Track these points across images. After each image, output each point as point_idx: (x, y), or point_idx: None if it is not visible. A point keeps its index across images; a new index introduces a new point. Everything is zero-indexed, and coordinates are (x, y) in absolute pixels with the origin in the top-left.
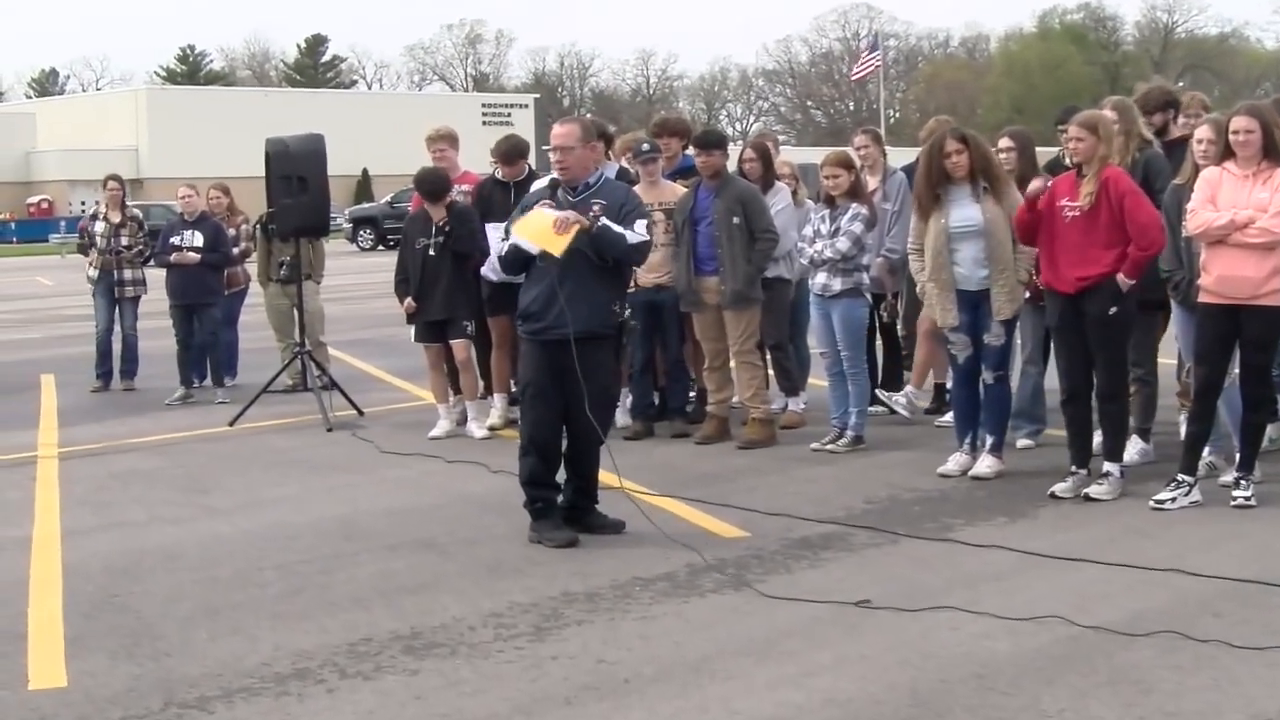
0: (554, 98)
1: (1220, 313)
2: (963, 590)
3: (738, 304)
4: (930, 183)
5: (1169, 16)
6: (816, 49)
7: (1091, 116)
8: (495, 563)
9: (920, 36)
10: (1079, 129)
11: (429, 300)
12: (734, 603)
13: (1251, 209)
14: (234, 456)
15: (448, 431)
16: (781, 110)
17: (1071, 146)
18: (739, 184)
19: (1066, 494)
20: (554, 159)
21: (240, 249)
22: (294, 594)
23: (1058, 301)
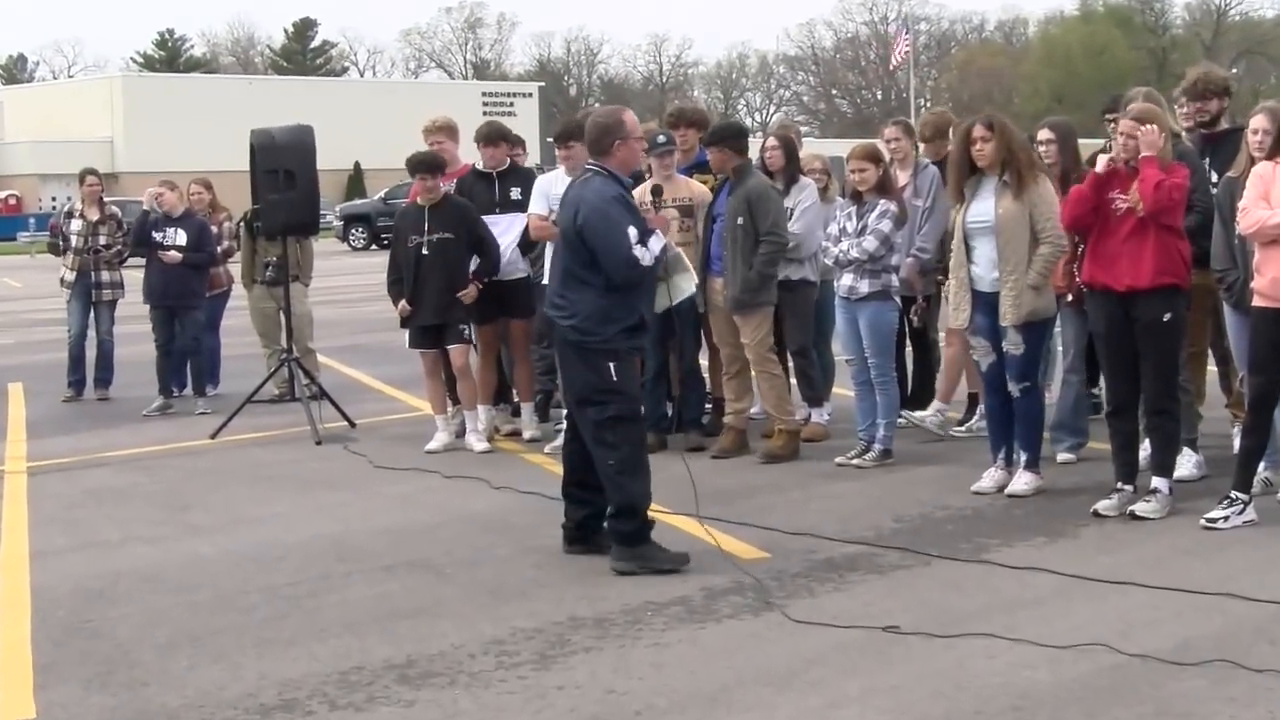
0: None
1: (1275, 318)
2: (999, 615)
3: (738, 309)
4: (959, 173)
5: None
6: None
7: (1147, 110)
8: (497, 585)
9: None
10: (1133, 124)
11: (423, 303)
12: (754, 629)
13: None
14: (216, 471)
15: (445, 444)
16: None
17: (1122, 142)
18: (751, 181)
19: (1110, 512)
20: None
21: (223, 248)
22: (280, 619)
23: (1104, 304)
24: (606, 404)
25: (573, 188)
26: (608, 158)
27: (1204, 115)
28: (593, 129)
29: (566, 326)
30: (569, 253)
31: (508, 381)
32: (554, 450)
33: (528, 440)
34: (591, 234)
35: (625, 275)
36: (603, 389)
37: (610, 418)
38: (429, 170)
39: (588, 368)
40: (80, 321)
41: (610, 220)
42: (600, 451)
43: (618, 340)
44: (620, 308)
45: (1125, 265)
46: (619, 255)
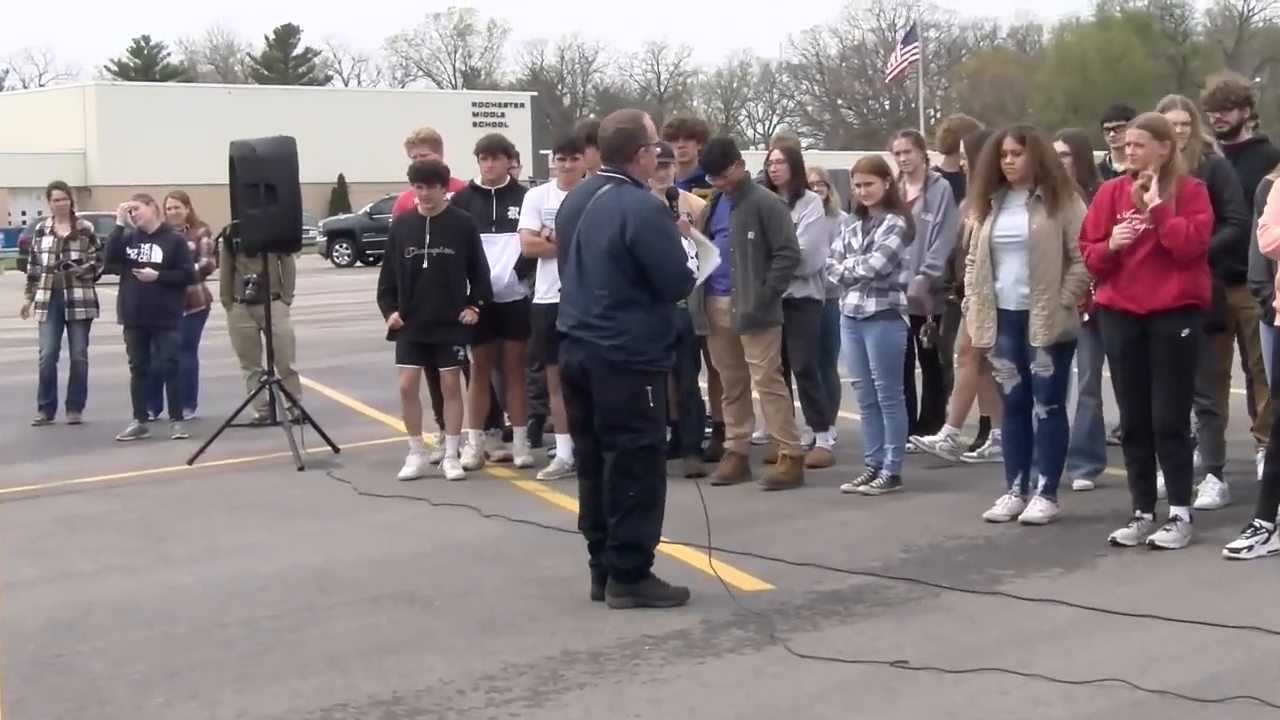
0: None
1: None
2: (1013, 650)
3: (749, 327)
4: (985, 185)
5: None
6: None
7: (1153, 120)
8: (488, 618)
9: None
10: (1139, 133)
11: (418, 318)
12: (756, 664)
13: None
14: (193, 499)
15: (419, 470)
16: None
17: (1130, 153)
18: (758, 194)
19: (1129, 541)
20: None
21: (201, 265)
22: (261, 653)
23: (1121, 325)
24: (642, 431)
25: (601, 197)
26: (632, 165)
27: (1224, 126)
28: (616, 135)
29: (610, 346)
30: (614, 268)
31: (499, 405)
32: (547, 476)
33: (519, 466)
34: (646, 249)
35: (679, 290)
36: (640, 414)
37: (642, 447)
38: (427, 180)
39: (627, 391)
40: (53, 342)
41: (666, 234)
42: (622, 481)
43: (660, 359)
44: (663, 324)
45: (1144, 288)
46: (677, 270)
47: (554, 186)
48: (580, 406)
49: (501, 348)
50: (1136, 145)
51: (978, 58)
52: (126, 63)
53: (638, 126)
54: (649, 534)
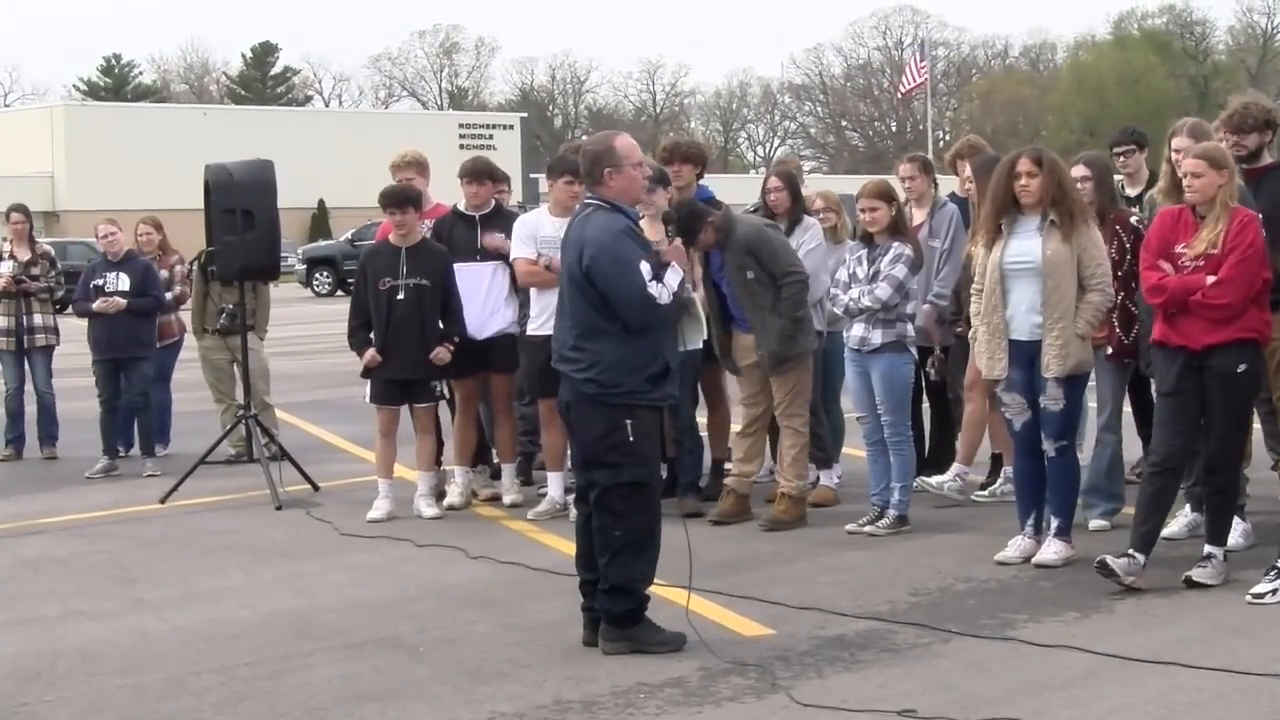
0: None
1: None
2: (1026, 699)
3: (778, 365)
4: (996, 209)
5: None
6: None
7: (1211, 149)
8: (475, 665)
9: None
10: (1197, 163)
11: (395, 354)
12: (757, 713)
13: None
14: (166, 540)
15: (388, 513)
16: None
17: (1188, 184)
18: (740, 230)
19: (1120, 570)
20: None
21: (174, 294)
22: (236, 702)
23: (1174, 361)
24: (619, 467)
25: (573, 226)
26: (601, 187)
27: (1241, 150)
28: (583, 158)
29: (583, 379)
30: (579, 298)
31: (487, 441)
32: (537, 516)
33: (508, 505)
34: (601, 275)
35: (642, 317)
36: (617, 449)
37: (622, 484)
38: (399, 205)
39: (602, 425)
40: (16, 373)
41: (618, 257)
42: (605, 520)
43: (641, 391)
44: (642, 353)
45: (1202, 324)
46: (633, 296)
47: (545, 212)
48: (574, 446)
49: (488, 381)
50: (1194, 175)
51: (989, 78)
52: (97, 82)
53: (604, 148)
54: (638, 576)
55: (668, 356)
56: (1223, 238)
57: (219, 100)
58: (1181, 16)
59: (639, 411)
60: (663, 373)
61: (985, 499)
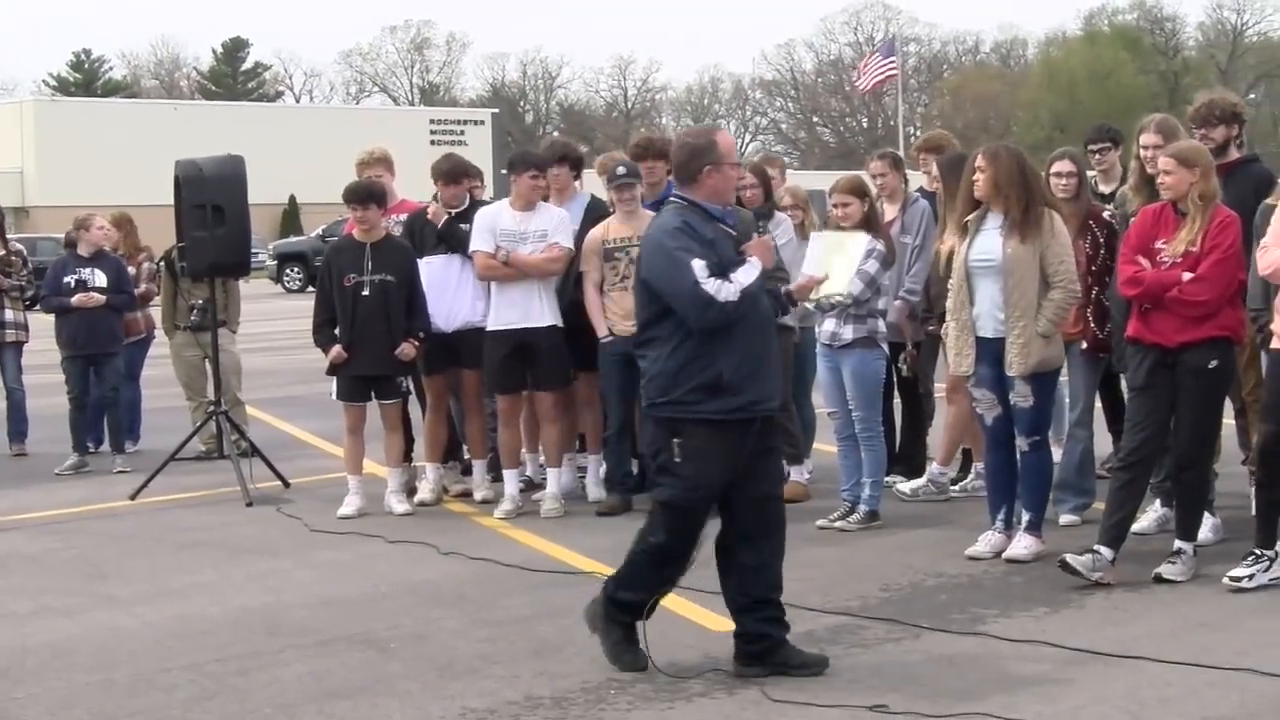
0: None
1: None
2: (997, 693)
3: None
4: (965, 208)
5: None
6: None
7: (1183, 148)
8: (446, 662)
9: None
10: (1169, 162)
11: (361, 350)
12: (727, 709)
13: None
14: (136, 536)
15: (359, 509)
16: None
17: (1161, 181)
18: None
19: (1080, 567)
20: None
21: (142, 291)
22: (206, 699)
23: (1147, 356)
24: (663, 486)
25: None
26: (695, 186)
27: (1209, 143)
28: (680, 152)
29: (644, 386)
30: (642, 301)
31: (458, 437)
32: (506, 514)
33: (479, 502)
34: (652, 273)
35: (700, 316)
36: (663, 469)
37: (661, 502)
38: (362, 201)
39: (652, 440)
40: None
41: (667, 253)
42: (649, 522)
43: (690, 403)
44: (692, 364)
45: (1178, 321)
46: (683, 293)
47: (506, 205)
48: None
49: (458, 377)
50: (1166, 173)
51: (960, 74)
52: (66, 77)
53: (706, 142)
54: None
55: (723, 367)
56: (1202, 236)
57: (190, 96)
58: (1152, 12)
59: (688, 428)
60: (713, 384)
61: (957, 494)
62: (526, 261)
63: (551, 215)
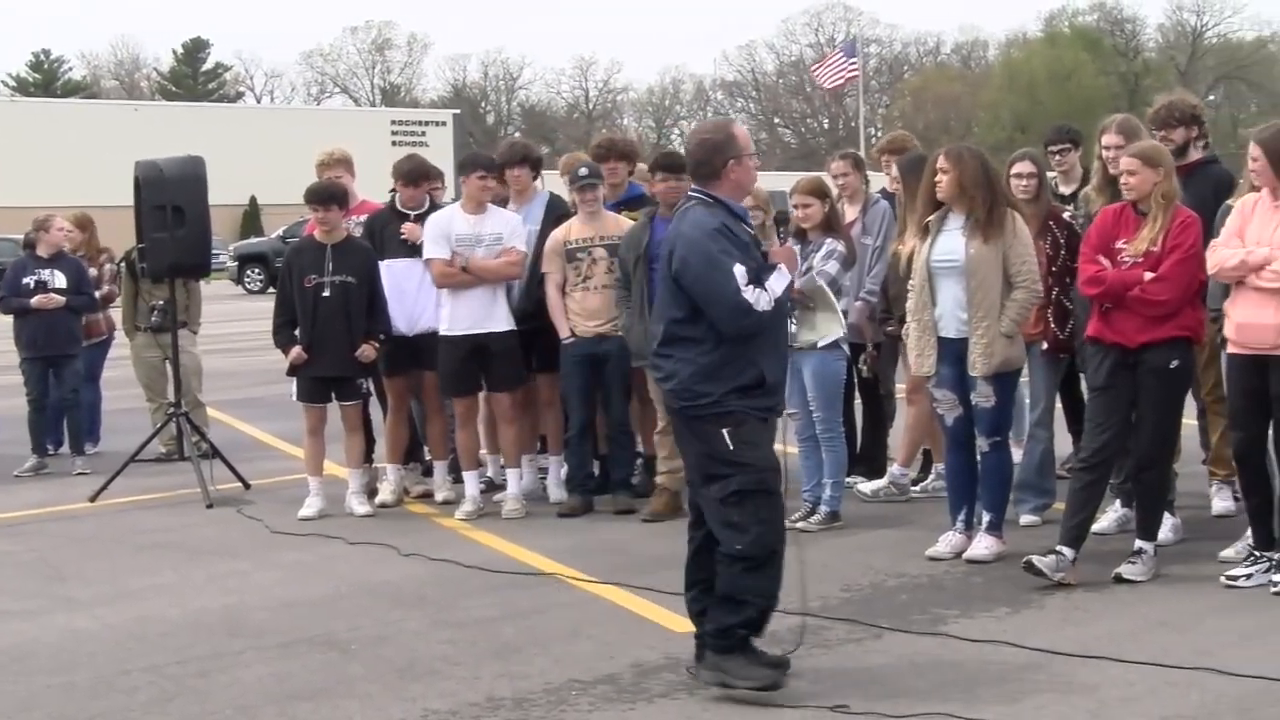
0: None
1: (1247, 365)
2: (957, 694)
3: None
4: (925, 209)
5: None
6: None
7: (1145, 148)
8: (407, 663)
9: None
10: (1132, 162)
11: (322, 351)
12: (689, 709)
13: (1271, 247)
14: (96, 538)
15: (320, 510)
16: None
17: (1125, 182)
18: None
19: (1046, 569)
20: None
21: (103, 293)
22: (166, 701)
23: (1108, 356)
24: (728, 478)
25: (673, 223)
26: (719, 181)
27: (1169, 144)
28: (700, 149)
29: (669, 391)
30: (668, 300)
31: (419, 439)
32: (467, 515)
33: (440, 503)
34: (690, 276)
35: (735, 324)
36: (720, 460)
37: (734, 493)
38: (323, 202)
39: (698, 438)
40: None
41: (710, 257)
42: (726, 535)
43: (729, 401)
44: (732, 364)
45: (1140, 321)
46: (725, 300)
47: (458, 209)
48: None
49: (420, 379)
50: (1130, 174)
51: (921, 75)
52: (25, 77)
53: (725, 136)
54: (750, 588)
55: (765, 368)
56: (1163, 236)
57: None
58: (1112, 14)
59: (733, 418)
60: (755, 385)
61: (918, 494)
62: (485, 267)
63: (506, 219)
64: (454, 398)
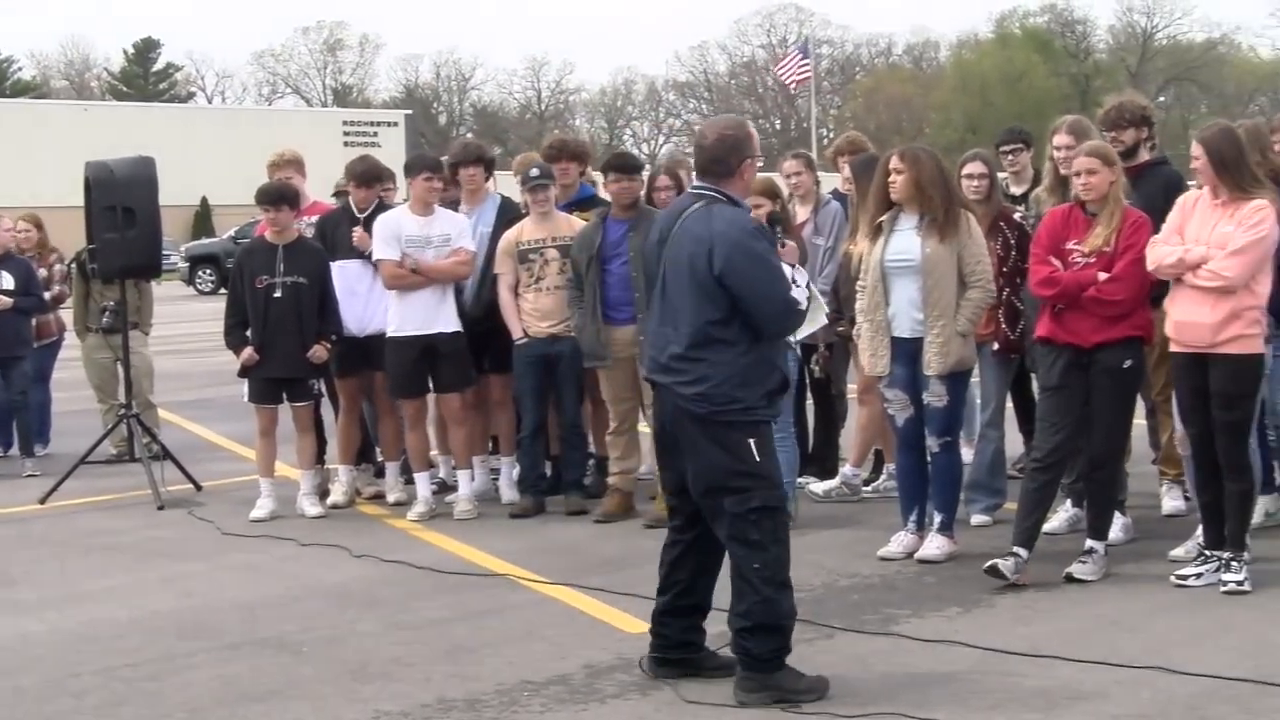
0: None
1: (1189, 363)
2: (908, 693)
3: None
4: (877, 209)
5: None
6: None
7: (1100, 147)
8: (359, 665)
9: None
10: (1090, 161)
11: (273, 352)
12: (641, 710)
13: (1208, 245)
14: (46, 540)
15: (271, 512)
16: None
17: (1083, 182)
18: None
19: (1008, 572)
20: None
21: (53, 293)
22: (116, 704)
23: (1061, 355)
24: (749, 492)
25: (685, 220)
26: (733, 180)
27: (1119, 145)
28: (718, 144)
29: (692, 395)
30: (700, 301)
31: (371, 440)
32: (419, 517)
33: (392, 503)
34: (740, 277)
35: (783, 324)
36: (743, 473)
37: (755, 509)
38: (274, 203)
39: (721, 447)
40: None
41: (759, 258)
42: (742, 552)
43: (758, 407)
44: (760, 367)
45: (1095, 321)
46: (777, 300)
47: (407, 210)
48: (672, 469)
49: (371, 380)
50: (1089, 173)
51: (872, 76)
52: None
53: (744, 134)
54: (787, 610)
55: (783, 370)
56: (1115, 236)
57: (100, 97)
58: (1063, 15)
59: (760, 428)
60: (781, 387)
61: (870, 495)
62: (435, 267)
63: (454, 220)
64: (403, 399)
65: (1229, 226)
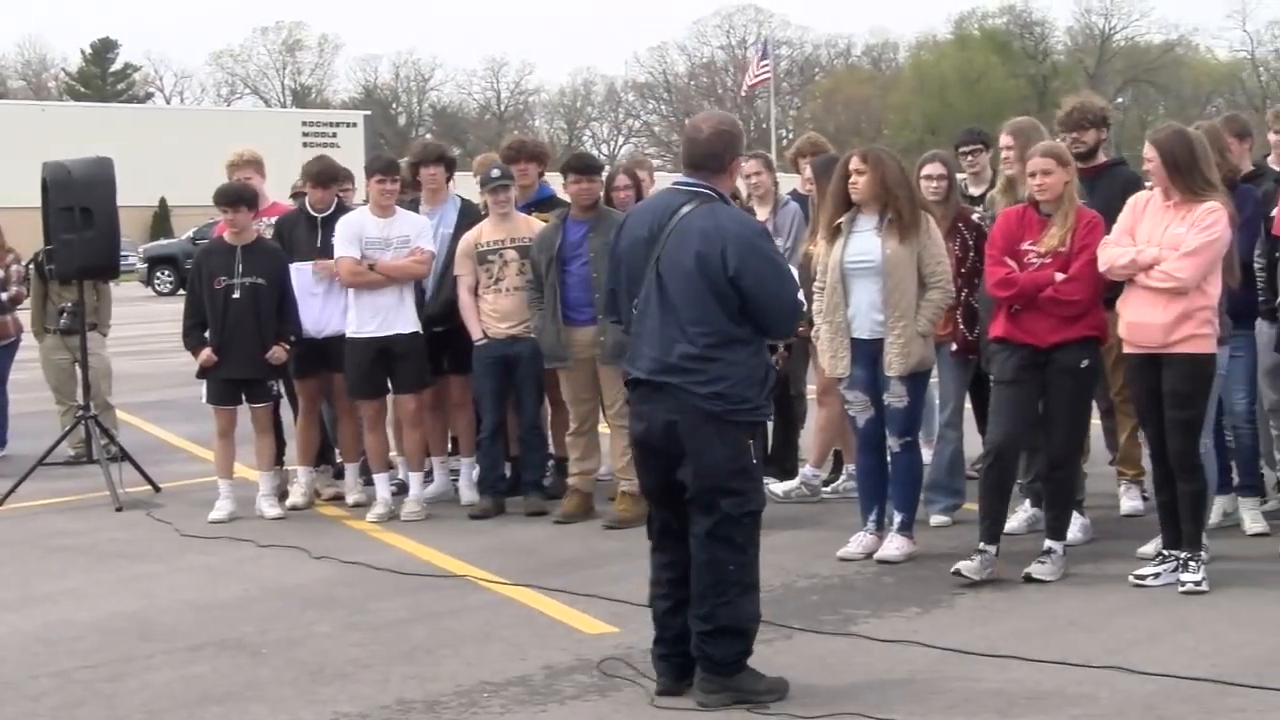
0: (388, 115)
1: (1143, 364)
2: (868, 694)
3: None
4: (835, 210)
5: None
6: (696, 58)
7: (1054, 148)
8: (318, 666)
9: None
10: (1045, 161)
11: (232, 353)
12: (601, 710)
13: (1161, 247)
14: (3, 543)
15: (230, 514)
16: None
17: (1038, 182)
18: (617, 217)
19: (973, 574)
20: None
21: (11, 294)
22: (74, 706)
23: (1017, 354)
24: (745, 495)
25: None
26: (725, 177)
27: (1080, 147)
28: (714, 139)
29: (708, 394)
30: (712, 303)
31: (330, 441)
32: (378, 518)
33: (351, 505)
34: (755, 280)
35: (789, 325)
36: (743, 474)
37: (748, 513)
38: (232, 204)
39: (727, 447)
40: None
41: (768, 257)
42: (722, 553)
43: (762, 407)
44: (764, 367)
45: (1052, 321)
46: (788, 301)
47: (367, 211)
48: (658, 472)
49: (330, 381)
50: (1044, 174)
51: (832, 77)
52: None
53: (738, 131)
54: (751, 614)
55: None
56: (1071, 236)
57: (58, 97)
58: (1021, 17)
59: (759, 429)
60: (773, 388)
61: (829, 495)
62: (394, 266)
63: (414, 221)
64: (361, 400)
65: (1181, 228)
